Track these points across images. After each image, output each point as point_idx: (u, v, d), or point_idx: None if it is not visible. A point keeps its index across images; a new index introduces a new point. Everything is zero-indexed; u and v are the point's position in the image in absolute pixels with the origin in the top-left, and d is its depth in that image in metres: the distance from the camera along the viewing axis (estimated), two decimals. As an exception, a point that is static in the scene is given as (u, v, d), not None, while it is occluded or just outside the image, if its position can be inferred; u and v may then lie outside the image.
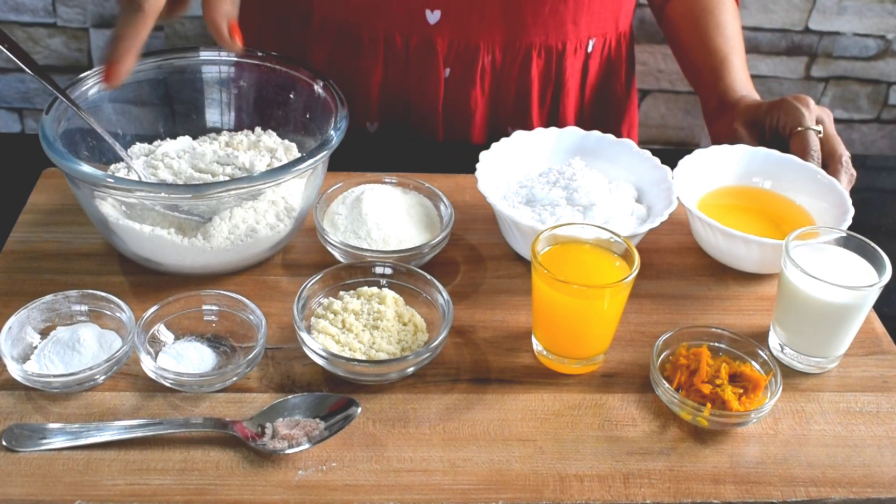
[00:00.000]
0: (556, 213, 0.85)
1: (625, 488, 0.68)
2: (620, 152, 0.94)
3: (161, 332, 0.76)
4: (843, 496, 0.68)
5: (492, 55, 1.08)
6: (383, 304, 0.77)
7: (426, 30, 1.06)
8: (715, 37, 1.10)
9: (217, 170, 0.87)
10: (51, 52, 1.78)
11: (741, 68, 1.08)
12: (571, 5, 1.07)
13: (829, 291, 0.73)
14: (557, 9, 1.07)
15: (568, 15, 1.08)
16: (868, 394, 0.77)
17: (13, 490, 0.64)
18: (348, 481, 0.67)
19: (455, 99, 1.11)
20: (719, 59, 1.08)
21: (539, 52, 1.10)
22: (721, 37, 1.09)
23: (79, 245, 0.86)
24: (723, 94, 1.06)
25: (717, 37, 1.10)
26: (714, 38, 1.10)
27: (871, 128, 2.00)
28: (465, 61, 1.09)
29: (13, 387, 0.71)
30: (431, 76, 1.08)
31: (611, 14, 1.13)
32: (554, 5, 1.06)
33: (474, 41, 1.07)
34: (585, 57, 1.14)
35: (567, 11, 1.08)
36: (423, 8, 1.05)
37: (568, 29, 1.09)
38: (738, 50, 1.10)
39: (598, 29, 1.12)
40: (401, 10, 1.05)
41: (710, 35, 1.10)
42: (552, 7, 1.06)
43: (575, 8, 1.08)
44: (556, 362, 0.77)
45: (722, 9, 1.12)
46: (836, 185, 0.89)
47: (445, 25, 1.06)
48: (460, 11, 1.04)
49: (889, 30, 1.85)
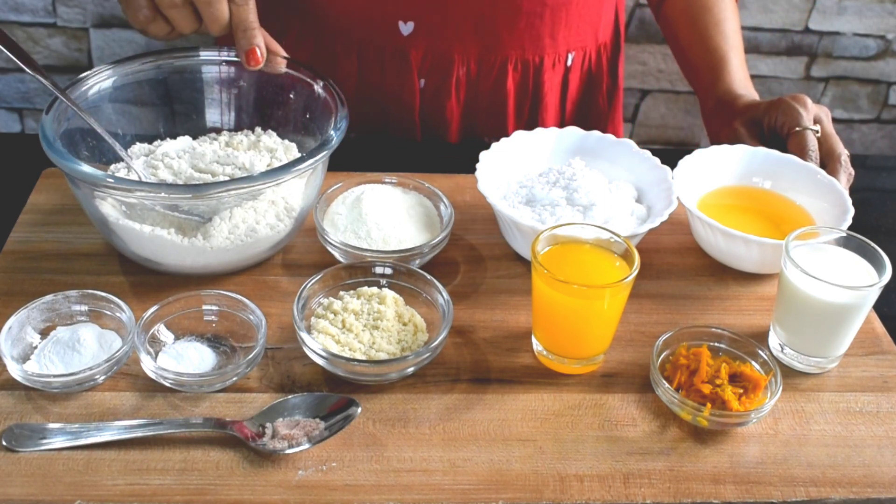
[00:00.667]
0: (556, 213, 0.85)
1: (625, 488, 0.68)
2: (620, 152, 0.94)
3: (161, 332, 0.76)
4: (843, 496, 0.68)
5: (466, 67, 1.08)
6: (383, 304, 0.77)
7: (400, 41, 1.06)
8: (714, 35, 1.09)
9: (217, 170, 0.87)
10: (51, 52, 1.78)
11: (740, 67, 1.08)
12: (548, 20, 1.06)
13: (829, 291, 0.73)
14: (533, 24, 1.06)
15: (545, 30, 1.07)
16: (868, 394, 0.77)
17: (13, 490, 0.64)
18: (348, 481, 0.67)
19: (431, 109, 1.11)
20: (718, 58, 1.07)
21: (515, 66, 1.09)
22: (720, 35, 1.09)
23: (79, 245, 0.86)
24: (721, 93, 1.05)
25: (715, 35, 1.09)
26: (713, 37, 1.09)
27: (871, 128, 2.00)
28: (440, 72, 1.08)
29: (13, 387, 0.71)
30: (406, 86, 1.08)
31: (589, 27, 1.12)
32: (529, 20, 1.05)
33: (448, 53, 1.07)
34: (565, 70, 1.13)
35: (543, 26, 1.07)
36: (397, 19, 1.04)
37: (545, 43, 1.09)
38: (736, 48, 1.09)
39: (578, 42, 1.12)
40: (374, 20, 1.04)
41: (709, 33, 1.09)
42: (527, 22, 1.06)
43: (552, 23, 1.07)
44: (556, 362, 0.77)
45: (721, 6, 1.11)
46: (836, 185, 0.89)
47: (419, 37, 1.05)
48: (433, 24, 1.04)
49: (889, 30, 1.85)
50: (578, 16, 1.09)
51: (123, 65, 0.90)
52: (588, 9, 1.10)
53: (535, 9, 1.05)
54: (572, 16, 1.08)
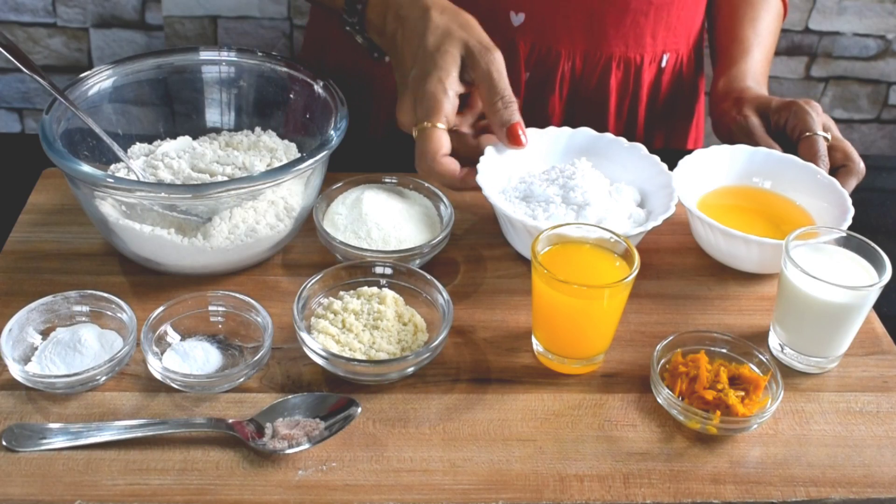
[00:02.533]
0: (549, 210, 0.85)
1: (625, 488, 0.68)
2: (628, 155, 0.93)
3: (167, 333, 0.76)
4: (843, 496, 0.68)
5: (572, 62, 1.09)
6: (383, 304, 0.77)
7: (509, 31, 1.07)
8: (745, 27, 1.10)
9: (217, 170, 0.87)
10: (51, 52, 1.78)
11: (760, 61, 1.09)
12: (651, 18, 1.08)
13: (829, 291, 0.73)
14: (638, 21, 1.08)
15: (647, 28, 1.09)
16: (868, 394, 0.77)
17: (13, 490, 0.64)
18: (348, 481, 0.67)
19: (533, 103, 1.12)
20: (742, 49, 1.09)
21: (618, 64, 1.10)
22: (752, 29, 1.10)
23: (79, 245, 0.86)
24: (732, 77, 1.06)
25: (747, 27, 1.10)
26: (744, 28, 1.10)
27: (871, 128, 2.00)
28: (546, 66, 1.09)
29: (13, 387, 0.71)
30: (512, 78, 1.09)
31: (684, 30, 1.14)
32: (635, 18, 1.07)
33: (556, 47, 1.08)
34: (658, 71, 1.14)
35: (647, 24, 1.08)
36: (508, 9, 1.05)
37: (646, 42, 1.10)
38: (763, 45, 1.10)
39: (673, 44, 1.13)
40: (486, 10, 1.05)
41: (742, 25, 1.11)
42: (633, 19, 1.07)
43: (654, 22, 1.09)
44: (556, 362, 0.77)
45: (764, 6, 1.12)
46: (836, 185, 0.89)
47: (528, 29, 1.06)
48: (544, 16, 1.05)
49: (889, 30, 1.85)
50: (677, 17, 1.11)
51: (123, 65, 0.90)
52: (686, 11, 1.12)
53: (641, 7, 1.06)
54: (672, 16, 1.10)
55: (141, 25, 1.76)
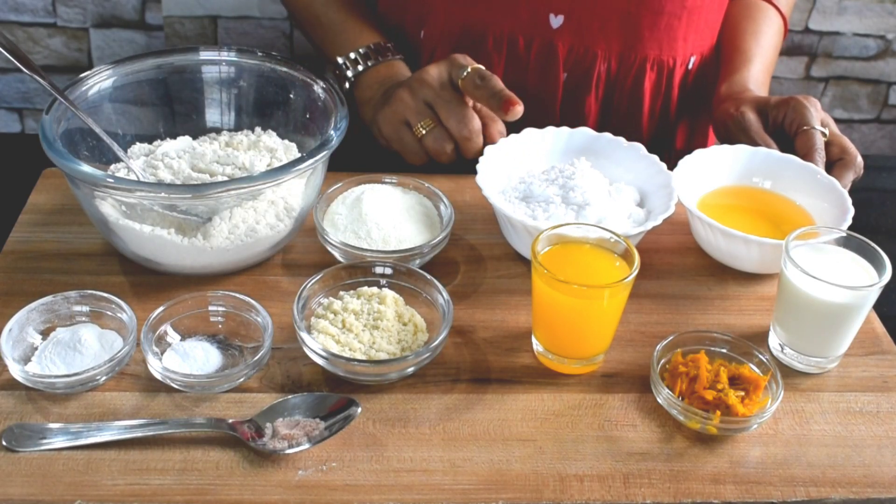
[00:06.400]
0: (549, 210, 0.85)
1: (625, 488, 0.68)
2: (628, 155, 0.93)
3: (167, 333, 0.76)
4: (843, 496, 0.68)
5: (608, 64, 1.10)
6: (383, 304, 0.77)
7: (548, 33, 1.08)
8: (748, 39, 1.12)
9: (217, 170, 0.87)
10: (51, 52, 1.78)
11: (761, 70, 1.10)
12: (684, 21, 1.10)
13: (829, 291, 0.73)
14: (672, 24, 1.09)
15: (680, 30, 1.10)
16: (868, 394, 0.77)
17: (13, 490, 0.64)
18: (348, 481, 0.67)
19: (570, 103, 1.13)
20: (744, 59, 1.11)
21: (652, 66, 1.12)
22: (754, 41, 1.12)
23: (79, 245, 0.86)
24: (734, 81, 1.08)
25: (750, 40, 1.12)
26: (747, 40, 1.12)
27: (871, 128, 2.00)
28: (583, 67, 1.10)
29: (13, 387, 0.71)
30: (550, 79, 1.11)
31: (709, 31, 1.15)
32: (669, 21, 1.09)
33: (592, 48, 1.09)
34: (685, 73, 1.15)
35: (679, 27, 1.10)
36: (548, 12, 1.07)
37: (678, 45, 1.12)
38: (764, 56, 1.12)
39: (698, 46, 1.15)
40: (526, 12, 1.07)
41: (745, 37, 1.13)
42: (667, 22, 1.09)
43: (686, 25, 1.10)
44: (556, 362, 0.77)
45: (766, 22, 1.15)
46: (836, 185, 0.89)
47: (567, 30, 1.08)
48: (581, 18, 1.07)
49: (889, 30, 1.85)
50: (705, 20, 1.12)
51: (123, 65, 0.90)
52: (712, 13, 1.13)
53: (675, 10, 1.08)
54: (701, 19, 1.12)
55: (141, 25, 1.76)
